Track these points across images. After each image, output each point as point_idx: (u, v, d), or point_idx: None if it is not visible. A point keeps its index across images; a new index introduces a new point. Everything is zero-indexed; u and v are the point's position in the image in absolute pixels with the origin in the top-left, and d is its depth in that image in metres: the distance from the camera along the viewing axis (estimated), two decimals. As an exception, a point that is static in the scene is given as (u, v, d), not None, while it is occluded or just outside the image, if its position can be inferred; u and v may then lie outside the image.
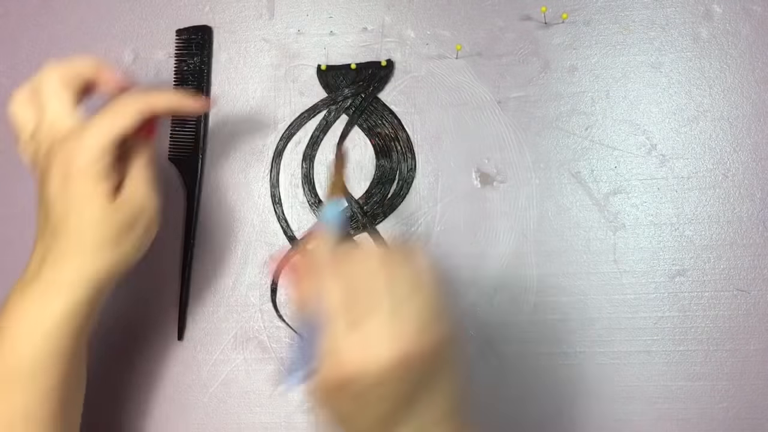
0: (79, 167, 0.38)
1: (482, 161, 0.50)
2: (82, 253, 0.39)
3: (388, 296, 0.32)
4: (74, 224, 0.38)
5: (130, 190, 0.41)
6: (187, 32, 0.55)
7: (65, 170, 0.39)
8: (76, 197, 0.38)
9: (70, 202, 0.38)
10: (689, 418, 0.46)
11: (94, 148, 0.38)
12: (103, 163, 0.39)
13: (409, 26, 0.52)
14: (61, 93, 0.41)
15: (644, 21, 0.50)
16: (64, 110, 0.41)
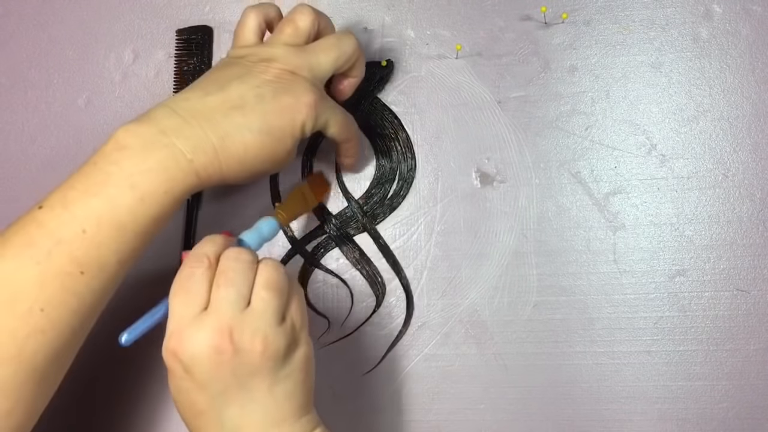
0: (308, 122, 0.42)
1: (482, 161, 0.50)
2: (240, 160, 0.40)
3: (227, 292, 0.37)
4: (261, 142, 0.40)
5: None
6: (187, 32, 0.55)
7: (298, 107, 0.41)
8: (288, 128, 0.41)
9: (278, 127, 0.41)
10: (689, 418, 0.46)
11: (322, 127, 0.43)
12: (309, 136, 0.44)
13: (409, 26, 0.52)
14: (341, 62, 0.44)
15: (644, 21, 0.50)
16: (330, 75, 0.44)
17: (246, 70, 0.41)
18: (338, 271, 0.51)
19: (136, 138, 0.38)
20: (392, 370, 0.49)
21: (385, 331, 0.50)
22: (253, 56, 0.42)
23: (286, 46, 0.43)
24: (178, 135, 0.38)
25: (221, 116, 0.39)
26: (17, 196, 0.55)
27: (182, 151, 0.38)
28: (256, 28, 0.44)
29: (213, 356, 0.36)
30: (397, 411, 0.49)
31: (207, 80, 0.42)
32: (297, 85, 0.41)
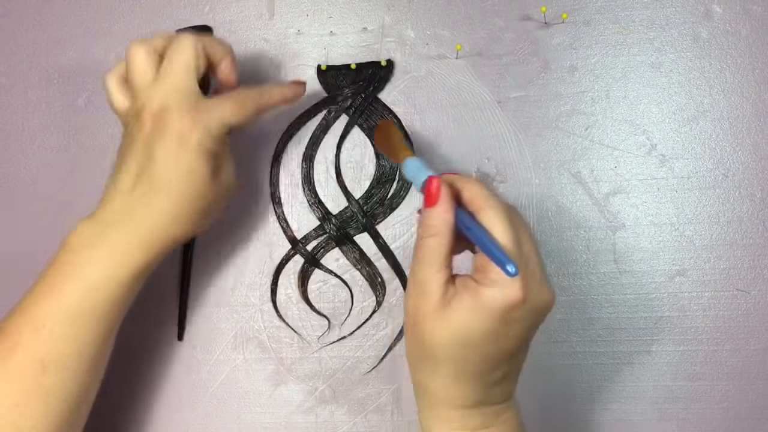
0: (200, 141, 0.41)
1: (482, 161, 0.50)
2: (176, 216, 0.42)
3: (534, 246, 0.37)
4: (178, 189, 0.41)
5: (226, 173, 0.44)
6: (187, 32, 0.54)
7: (184, 138, 0.41)
8: (186, 165, 0.41)
9: (180, 167, 0.41)
10: (689, 418, 0.46)
11: (217, 129, 0.42)
12: (220, 144, 0.43)
13: (409, 26, 0.52)
14: (194, 63, 0.43)
15: (644, 21, 0.50)
16: (192, 81, 0.43)
17: (131, 139, 0.43)
18: (338, 271, 0.51)
19: (80, 237, 0.41)
20: (392, 370, 0.49)
21: (385, 331, 0.50)
22: (131, 118, 0.43)
23: (142, 89, 0.43)
24: (111, 225, 0.41)
25: (135, 192, 0.41)
26: (17, 196, 0.55)
27: (121, 238, 0.41)
28: (117, 91, 0.44)
29: None
30: (397, 411, 0.49)
31: (114, 167, 0.43)
32: (171, 117, 0.41)
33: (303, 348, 0.51)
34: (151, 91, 0.42)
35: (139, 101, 0.42)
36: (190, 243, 0.52)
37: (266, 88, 0.46)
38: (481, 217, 0.36)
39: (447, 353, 0.36)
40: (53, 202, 0.55)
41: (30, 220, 0.55)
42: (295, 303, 0.51)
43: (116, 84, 0.44)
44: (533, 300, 0.35)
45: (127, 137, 0.43)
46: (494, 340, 0.35)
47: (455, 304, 0.35)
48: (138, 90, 0.43)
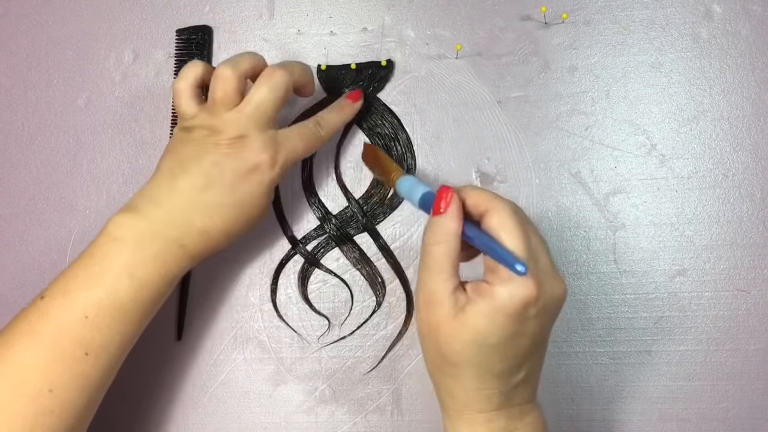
0: (273, 179, 0.44)
1: (482, 161, 0.50)
2: (228, 234, 0.44)
3: (541, 241, 0.37)
4: (239, 211, 0.43)
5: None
6: (187, 32, 0.55)
7: (260, 172, 0.43)
8: (256, 195, 0.43)
9: (249, 195, 0.43)
10: (689, 418, 0.46)
11: (288, 165, 0.45)
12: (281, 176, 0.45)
13: (409, 26, 0.52)
14: (282, 100, 0.44)
15: (644, 21, 0.50)
16: (275, 114, 0.44)
17: (200, 148, 0.43)
18: (338, 271, 0.51)
19: (128, 231, 0.41)
20: (392, 370, 0.49)
21: (385, 331, 0.50)
22: (200, 129, 0.43)
23: (224, 110, 0.43)
24: (166, 225, 0.42)
25: (196, 200, 0.42)
26: (17, 196, 0.55)
27: (173, 239, 0.42)
28: (190, 98, 0.44)
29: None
30: (397, 411, 0.49)
31: (170, 162, 0.44)
32: (249, 147, 0.43)
33: (303, 348, 0.51)
34: (233, 117, 0.43)
35: (217, 121, 0.43)
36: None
37: (327, 116, 0.48)
38: (488, 219, 0.36)
39: (468, 359, 0.36)
40: (53, 202, 0.55)
41: (30, 220, 0.55)
42: (295, 303, 0.51)
43: (187, 91, 0.44)
44: (547, 294, 0.36)
45: (191, 144, 0.43)
46: (513, 340, 0.35)
47: (470, 310, 0.35)
48: (218, 110, 0.43)
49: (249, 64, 0.44)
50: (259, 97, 0.43)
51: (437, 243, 0.37)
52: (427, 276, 0.37)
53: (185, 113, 0.44)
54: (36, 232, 0.55)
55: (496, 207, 0.36)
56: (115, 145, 0.55)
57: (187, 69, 0.45)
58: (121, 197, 0.54)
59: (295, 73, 0.45)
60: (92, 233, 0.53)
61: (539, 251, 0.36)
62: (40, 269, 0.54)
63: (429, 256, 0.37)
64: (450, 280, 0.36)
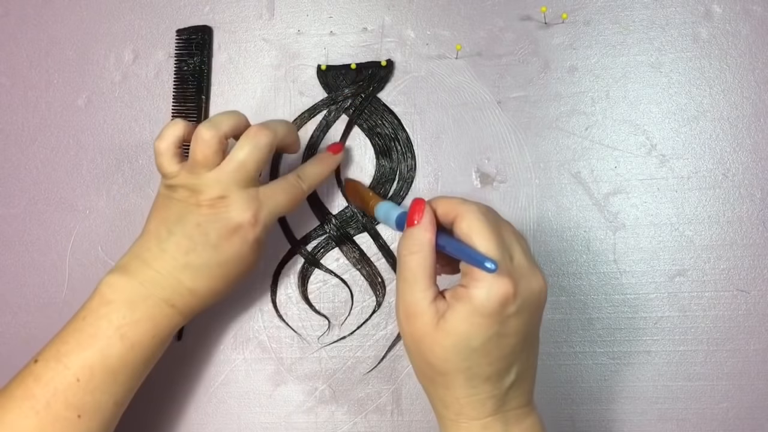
0: (258, 236, 0.43)
1: (482, 161, 0.50)
2: (218, 292, 0.44)
3: (516, 238, 0.37)
4: (227, 271, 0.43)
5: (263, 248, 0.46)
6: (187, 32, 0.55)
7: (243, 231, 0.43)
8: (241, 255, 0.43)
9: (235, 255, 0.43)
10: (689, 418, 0.46)
11: (271, 222, 0.45)
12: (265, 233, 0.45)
13: (409, 26, 0.52)
14: (264, 160, 0.44)
15: (644, 21, 0.50)
16: (257, 173, 0.44)
17: (182, 209, 0.43)
18: (338, 271, 0.51)
19: (119, 293, 0.42)
20: (392, 370, 0.49)
21: (385, 331, 0.50)
22: (182, 189, 0.43)
23: (205, 170, 0.43)
24: (155, 286, 0.42)
25: (183, 261, 0.42)
26: (17, 195, 0.55)
27: (164, 299, 0.42)
28: (171, 157, 0.44)
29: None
30: (397, 411, 0.49)
31: (156, 223, 0.44)
32: (231, 207, 0.42)
33: (303, 348, 0.51)
34: (214, 176, 0.43)
35: (198, 181, 0.43)
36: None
37: (308, 170, 0.47)
38: (458, 224, 0.36)
39: (454, 365, 0.36)
40: (53, 202, 0.55)
41: (30, 220, 0.55)
42: (295, 303, 0.51)
43: (168, 151, 0.44)
44: (524, 290, 0.35)
45: (174, 204, 0.43)
46: (496, 341, 0.35)
47: (450, 316, 0.35)
48: (198, 171, 0.43)
49: (230, 125, 0.44)
50: (241, 156, 0.43)
51: (412, 253, 0.37)
52: (404, 288, 0.37)
53: (166, 173, 0.44)
54: (36, 232, 0.55)
55: (464, 211, 0.36)
56: (115, 145, 0.55)
57: (167, 129, 0.44)
58: (121, 197, 0.54)
59: (279, 133, 0.44)
60: (92, 233, 0.54)
61: (513, 248, 0.36)
62: (40, 269, 0.54)
63: (405, 268, 0.37)
64: (428, 290, 0.36)
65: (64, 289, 0.54)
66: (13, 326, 0.54)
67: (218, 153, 0.43)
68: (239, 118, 0.44)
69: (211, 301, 0.44)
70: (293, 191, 0.46)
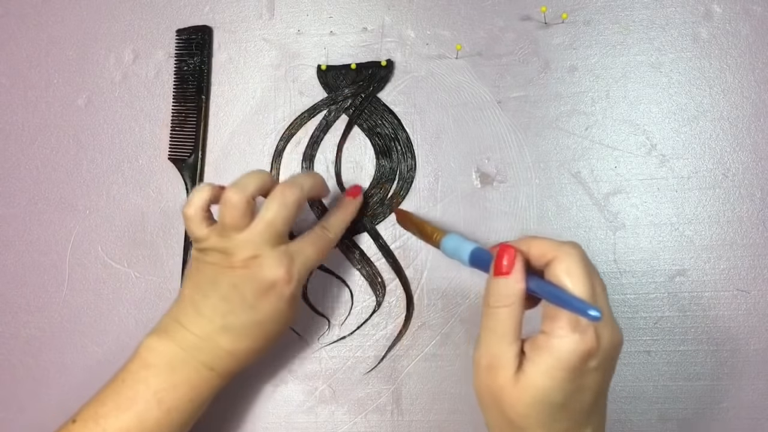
0: (293, 293, 0.43)
1: (482, 161, 0.50)
2: (257, 351, 0.44)
3: (602, 286, 0.36)
4: (265, 331, 0.44)
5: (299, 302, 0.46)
6: (187, 32, 0.55)
7: (277, 289, 0.42)
8: (278, 313, 0.43)
9: (272, 314, 0.43)
10: (689, 418, 0.46)
11: (304, 277, 0.44)
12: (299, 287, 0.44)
13: (409, 26, 0.52)
14: (294, 217, 0.44)
15: (644, 21, 0.50)
16: (287, 230, 0.44)
17: (216, 271, 0.43)
18: (338, 271, 0.51)
19: (159, 357, 0.42)
20: (392, 370, 0.49)
21: (385, 331, 0.50)
22: (213, 253, 0.43)
23: (235, 232, 0.43)
24: (194, 350, 0.42)
25: (221, 324, 0.43)
26: (17, 195, 0.55)
27: (203, 362, 0.43)
28: (200, 222, 0.44)
29: None
30: (397, 411, 0.49)
31: (191, 287, 0.44)
32: (264, 266, 0.42)
33: (303, 348, 0.51)
34: (245, 237, 0.42)
35: (229, 243, 0.43)
36: (190, 243, 0.52)
37: (333, 220, 0.47)
38: (554, 267, 0.35)
39: (534, 421, 0.34)
40: (54, 202, 0.55)
41: (30, 220, 0.55)
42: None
43: (197, 216, 0.44)
44: (606, 344, 0.34)
45: (207, 267, 0.43)
46: (576, 395, 0.34)
47: (530, 369, 0.34)
48: (229, 233, 0.43)
49: (256, 186, 0.43)
50: (270, 216, 0.43)
51: (502, 306, 0.35)
52: (490, 339, 0.35)
53: (197, 237, 0.44)
54: (36, 232, 0.55)
55: (563, 254, 0.35)
56: (115, 145, 0.55)
57: (194, 195, 0.44)
58: (121, 197, 0.54)
59: (306, 187, 0.44)
60: (92, 233, 0.54)
61: (601, 298, 0.35)
62: (40, 269, 0.54)
63: (493, 319, 0.35)
64: (515, 342, 0.35)
65: (64, 289, 0.54)
66: (13, 326, 0.54)
67: (247, 215, 0.43)
68: (265, 178, 0.44)
69: (249, 361, 0.44)
70: (321, 243, 0.46)
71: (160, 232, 0.53)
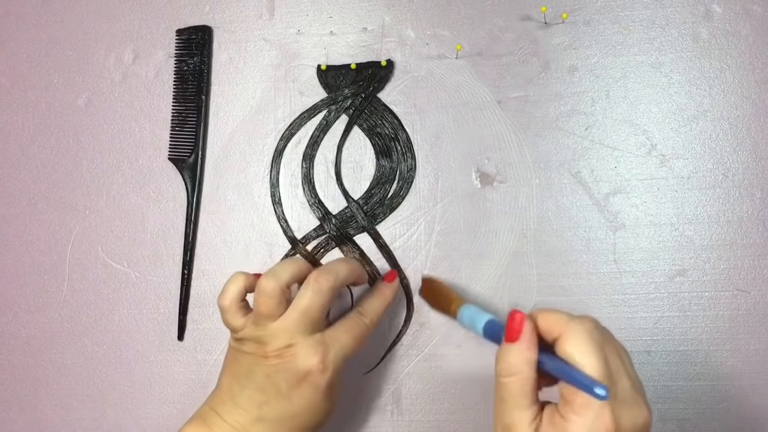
0: (328, 382, 0.42)
1: (482, 161, 0.50)
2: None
3: (622, 360, 0.35)
4: (301, 421, 0.42)
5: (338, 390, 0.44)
6: (187, 32, 0.55)
7: (312, 379, 0.41)
8: (313, 403, 0.42)
9: (307, 405, 0.42)
10: (689, 418, 0.46)
11: (340, 365, 0.43)
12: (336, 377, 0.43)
13: (409, 26, 0.52)
14: (328, 304, 0.43)
15: (644, 21, 0.50)
16: (321, 317, 0.43)
17: (251, 361, 0.42)
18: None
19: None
20: (392, 370, 0.49)
21: (385, 331, 0.50)
22: (249, 342, 0.43)
23: (269, 321, 0.42)
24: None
25: (257, 415, 0.42)
26: (17, 195, 0.55)
27: None
28: (235, 312, 0.44)
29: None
30: (397, 411, 0.49)
31: (228, 378, 0.43)
32: (298, 355, 0.42)
33: (303, 348, 0.51)
34: (279, 326, 0.42)
35: (264, 332, 0.42)
36: (190, 243, 0.52)
37: (369, 305, 0.46)
38: (563, 343, 0.34)
39: None
40: (54, 202, 0.55)
41: (30, 220, 0.55)
42: (295, 303, 0.51)
43: (232, 307, 0.44)
44: (627, 424, 0.33)
45: (244, 357, 0.43)
46: None
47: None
48: (263, 322, 0.42)
49: (290, 274, 0.43)
50: (305, 304, 0.42)
51: (512, 374, 0.35)
52: (503, 409, 0.35)
53: (233, 328, 0.44)
54: (36, 232, 0.55)
55: (571, 330, 0.34)
56: (115, 145, 0.55)
57: (229, 284, 0.44)
58: (121, 197, 0.54)
59: (341, 274, 0.44)
60: (92, 233, 0.54)
61: (620, 373, 0.34)
62: (40, 269, 0.54)
63: (504, 389, 0.35)
64: (527, 410, 0.35)
65: (64, 289, 0.54)
66: (13, 326, 0.54)
67: (281, 303, 0.42)
68: (299, 266, 0.44)
69: None
70: (358, 329, 0.44)
71: (160, 232, 0.53)
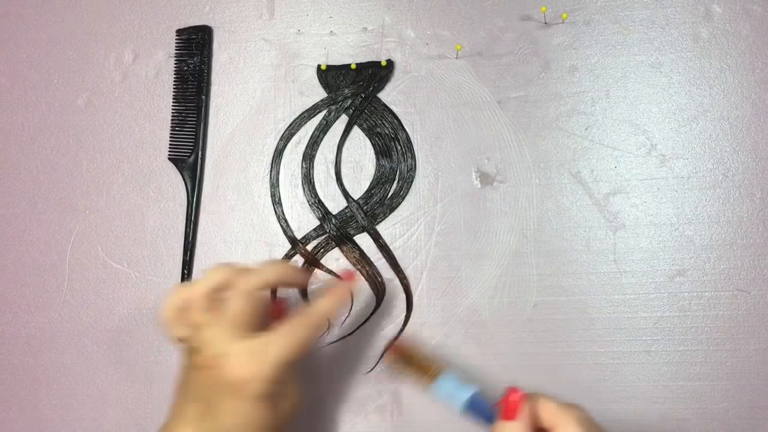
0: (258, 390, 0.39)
1: (482, 161, 0.50)
2: None
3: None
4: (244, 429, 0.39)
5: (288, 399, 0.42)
6: (187, 32, 0.55)
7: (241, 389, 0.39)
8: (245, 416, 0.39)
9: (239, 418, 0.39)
10: (689, 418, 0.46)
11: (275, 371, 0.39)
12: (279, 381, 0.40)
13: (409, 26, 0.52)
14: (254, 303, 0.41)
15: (644, 21, 0.50)
16: (251, 321, 0.40)
17: (189, 374, 0.41)
18: (338, 272, 0.51)
19: None
20: (392, 370, 0.49)
21: (385, 331, 0.50)
22: (188, 352, 0.41)
23: (201, 328, 0.40)
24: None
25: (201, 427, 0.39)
26: (17, 195, 0.55)
27: None
28: (175, 323, 0.42)
29: None
30: (397, 411, 0.49)
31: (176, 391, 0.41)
32: (229, 365, 0.39)
33: (303, 348, 0.51)
34: (210, 334, 0.40)
35: (196, 341, 0.40)
36: (190, 243, 0.52)
37: (317, 305, 0.43)
38: None
39: None
40: (54, 202, 0.55)
41: (30, 220, 0.55)
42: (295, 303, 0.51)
43: (173, 316, 0.42)
44: None
45: (186, 372, 0.41)
46: None
47: None
48: (199, 331, 0.40)
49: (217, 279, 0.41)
50: (230, 308, 0.40)
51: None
52: None
53: (173, 340, 0.42)
54: (36, 232, 0.55)
55: (564, 422, 0.35)
56: (115, 145, 0.55)
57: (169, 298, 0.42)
58: (121, 197, 0.54)
59: (269, 276, 0.42)
60: (92, 233, 0.54)
61: None
62: (40, 269, 0.54)
63: None
64: None
65: (64, 289, 0.54)
66: (13, 326, 0.54)
67: (209, 310, 0.40)
68: (227, 270, 0.42)
69: None
70: (300, 332, 0.41)
71: (160, 232, 0.53)
